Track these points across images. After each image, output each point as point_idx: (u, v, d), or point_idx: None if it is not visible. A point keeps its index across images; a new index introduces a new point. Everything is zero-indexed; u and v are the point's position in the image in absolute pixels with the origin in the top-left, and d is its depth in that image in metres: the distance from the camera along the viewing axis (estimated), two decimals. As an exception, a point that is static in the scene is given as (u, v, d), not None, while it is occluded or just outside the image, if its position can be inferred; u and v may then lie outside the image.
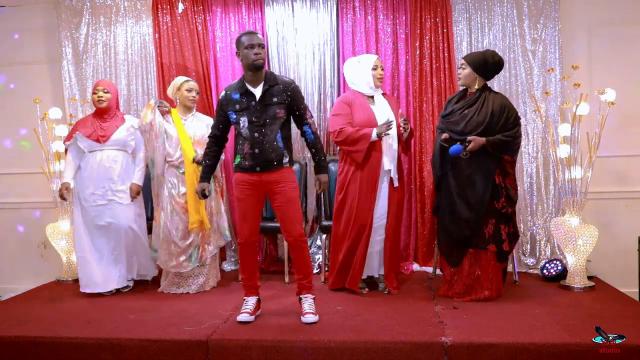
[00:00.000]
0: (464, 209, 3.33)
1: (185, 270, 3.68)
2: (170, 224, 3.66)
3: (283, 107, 2.94)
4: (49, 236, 4.25)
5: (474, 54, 3.46)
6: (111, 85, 3.86)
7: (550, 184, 4.17)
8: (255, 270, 3.14)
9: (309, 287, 3.09)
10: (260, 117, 2.92)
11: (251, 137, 2.93)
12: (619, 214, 4.15)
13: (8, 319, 3.18)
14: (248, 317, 3.00)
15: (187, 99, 3.76)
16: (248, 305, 3.07)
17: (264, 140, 2.92)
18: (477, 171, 3.30)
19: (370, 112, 3.53)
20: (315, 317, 2.97)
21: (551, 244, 4.15)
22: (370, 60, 3.60)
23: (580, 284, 3.58)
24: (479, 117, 3.31)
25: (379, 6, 4.29)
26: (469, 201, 3.32)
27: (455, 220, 3.38)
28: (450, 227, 3.42)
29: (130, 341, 2.78)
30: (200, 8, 4.39)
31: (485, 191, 3.29)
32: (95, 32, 4.49)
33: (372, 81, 3.56)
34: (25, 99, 4.50)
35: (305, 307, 3.02)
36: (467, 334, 2.69)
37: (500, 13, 4.20)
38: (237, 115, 2.97)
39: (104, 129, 3.75)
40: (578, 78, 3.77)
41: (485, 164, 3.29)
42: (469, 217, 3.31)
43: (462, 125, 3.34)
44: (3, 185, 4.68)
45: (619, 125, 4.03)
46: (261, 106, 2.93)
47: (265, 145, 2.92)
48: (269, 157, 2.93)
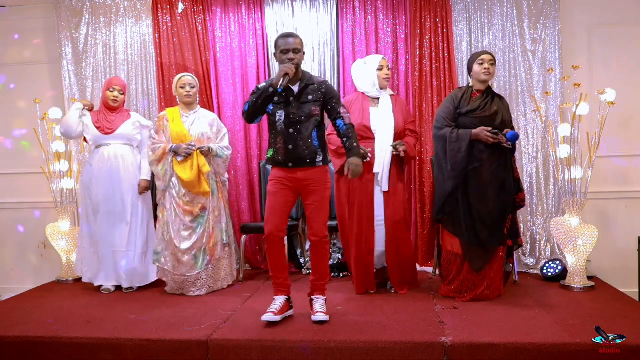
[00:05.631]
0: (494, 206, 3.27)
1: (192, 273, 3.63)
2: (172, 224, 3.65)
3: (318, 104, 2.96)
4: (48, 236, 4.25)
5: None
6: (125, 86, 3.97)
7: (550, 184, 4.18)
8: (282, 267, 3.06)
9: (323, 289, 3.08)
10: (296, 114, 2.94)
11: (286, 132, 2.95)
12: (619, 214, 4.15)
13: (8, 319, 3.18)
14: (272, 316, 2.89)
15: (182, 95, 3.74)
16: (275, 305, 2.98)
17: (299, 137, 2.93)
18: (503, 166, 3.30)
19: (366, 116, 3.52)
20: (326, 316, 2.93)
21: (551, 244, 4.15)
22: (375, 60, 3.59)
23: (580, 284, 3.58)
24: (505, 113, 3.37)
25: (379, 6, 4.29)
26: (499, 197, 3.28)
27: (483, 219, 3.26)
28: (478, 228, 3.26)
29: (130, 341, 2.77)
30: (200, 8, 4.39)
31: (512, 185, 3.32)
32: (95, 32, 4.49)
33: (378, 81, 3.56)
34: (25, 98, 4.51)
35: (317, 306, 2.98)
36: (467, 334, 2.69)
37: (500, 13, 4.21)
38: (275, 107, 2.98)
39: (110, 122, 3.82)
40: (578, 78, 3.78)
41: (506, 158, 3.31)
42: (499, 214, 3.28)
43: (497, 122, 3.30)
44: (3, 185, 4.68)
45: (619, 125, 4.04)
46: (298, 103, 2.95)
47: (299, 142, 2.93)
48: (302, 155, 2.94)
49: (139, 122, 3.91)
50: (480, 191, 3.27)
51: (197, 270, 3.63)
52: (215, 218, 3.72)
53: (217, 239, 3.70)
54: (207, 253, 3.65)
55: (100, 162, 3.78)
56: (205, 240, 3.65)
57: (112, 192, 3.76)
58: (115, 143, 3.81)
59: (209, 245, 3.66)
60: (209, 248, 3.66)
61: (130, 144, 3.88)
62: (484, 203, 3.26)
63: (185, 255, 3.62)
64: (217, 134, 3.81)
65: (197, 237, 3.63)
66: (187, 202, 3.64)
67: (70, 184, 4.30)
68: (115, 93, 3.84)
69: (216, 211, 3.73)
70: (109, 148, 3.80)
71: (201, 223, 3.65)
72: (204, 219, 3.65)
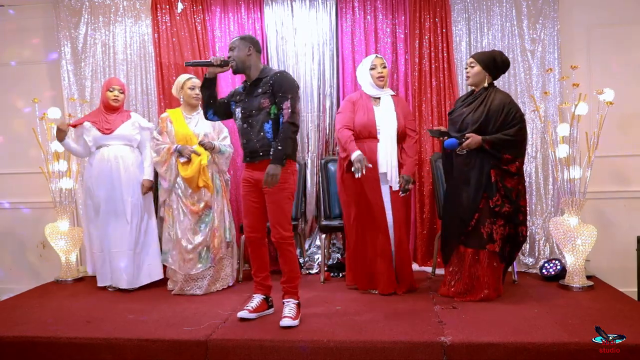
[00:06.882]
0: (457, 206, 3.37)
1: (197, 271, 3.66)
2: (179, 224, 3.68)
3: (267, 97, 2.94)
4: (47, 236, 4.25)
5: (483, 53, 3.47)
6: (124, 86, 3.98)
7: (549, 184, 4.18)
8: (261, 266, 3.11)
9: (293, 291, 3.03)
10: (247, 108, 2.99)
11: (241, 127, 3.03)
12: (618, 214, 4.15)
13: (8, 319, 3.18)
14: (246, 314, 2.99)
15: (191, 96, 3.79)
16: (251, 303, 3.06)
17: (251, 130, 2.96)
18: (473, 170, 3.31)
19: (371, 114, 3.54)
20: (294, 321, 2.87)
21: (550, 244, 4.15)
22: (368, 60, 3.65)
23: (579, 283, 3.59)
24: (475, 116, 3.32)
25: (378, 6, 4.29)
26: (462, 199, 3.34)
27: (449, 215, 3.46)
28: (447, 223, 3.51)
29: (129, 341, 2.77)
30: (199, 8, 4.39)
31: (478, 191, 3.29)
32: (94, 32, 4.48)
33: (372, 80, 3.57)
34: (24, 98, 4.50)
35: (285, 311, 2.94)
36: (466, 334, 2.69)
37: (499, 13, 4.21)
38: (235, 105, 3.09)
39: (110, 122, 3.82)
40: (577, 78, 3.78)
41: (480, 161, 3.29)
42: (461, 215, 3.33)
43: (459, 124, 3.37)
44: (2, 185, 4.66)
45: (618, 125, 4.04)
46: (250, 97, 3.00)
47: (251, 136, 2.96)
48: (254, 147, 2.96)
49: (138, 123, 3.91)
50: (454, 188, 3.43)
51: (200, 268, 3.66)
52: (220, 216, 3.74)
53: (221, 237, 3.73)
54: (211, 251, 3.68)
55: (101, 162, 3.79)
56: (210, 238, 3.68)
57: (112, 193, 3.76)
58: (115, 144, 3.81)
59: (213, 243, 3.68)
60: (213, 247, 3.68)
61: (130, 145, 3.88)
62: (452, 199, 3.44)
63: (191, 254, 3.66)
64: (218, 134, 3.86)
65: (203, 235, 3.67)
66: (193, 202, 3.68)
67: (69, 184, 4.29)
68: (115, 92, 3.85)
69: (220, 210, 3.75)
70: (108, 149, 3.80)
71: (207, 222, 3.68)
72: (209, 217, 3.69)
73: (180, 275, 3.69)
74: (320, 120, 4.37)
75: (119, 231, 3.76)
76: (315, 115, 4.36)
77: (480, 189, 3.28)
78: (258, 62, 3.04)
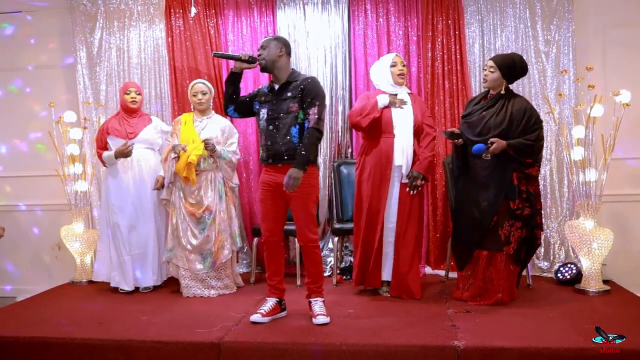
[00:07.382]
0: (474, 210, 3.33)
1: (200, 272, 3.70)
2: (181, 223, 3.73)
3: (297, 101, 2.98)
4: (63, 238, 4.30)
5: (503, 57, 3.40)
6: (140, 87, 4.02)
7: (564, 187, 4.13)
8: (277, 270, 3.14)
9: (318, 291, 3.09)
10: (275, 110, 3.01)
11: (266, 129, 3.03)
12: (635, 217, 4.09)
13: (23, 319, 3.22)
14: (259, 317, 3.00)
15: (195, 102, 3.84)
16: (265, 306, 3.08)
17: (277, 133, 2.98)
18: (494, 174, 3.28)
19: (387, 112, 3.50)
20: (327, 318, 2.97)
21: (565, 248, 4.10)
22: (389, 57, 3.63)
23: (596, 287, 3.54)
24: (497, 120, 3.29)
25: (391, 8, 4.28)
26: (480, 203, 3.31)
27: (466, 220, 3.40)
28: (462, 227, 3.45)
29: (142, 343, 2.79)
30: (212, 12, 4.42)
31: (499, 194, 3.26)
32: (109, 37, 4.54)
33: (392, 78, 3.56)
34: (41, 102, 4.56)
35: (316, 308, 3.02)
36: (479, 338, 2.66)
37: (512, 14, 4.17)
38: (260, 106, 3.10)
39: (132, 126, 3.87)
40: (592, 79, 3.73)
41: (502, 166, 3.26)
42: (479, 218, 3.30)
43: (479, 128, 3.33)
44: (18, 188, 4.74)
45: (634, 127, 3.98)
46: (278, 100, 3.02)
47: (277, 138, 2.98)
48: (280, 150, 2.97)
49: (160, 127, 3.98)
50: (472, 192, 3.37)
51: (202, 270, 3.69)
52: (222, 222, 3.75)
53: (222, 243, 3.73)
54: (212, 256, 3.70)
55: (124, 165, 3.83)
56: (210, 243, 3.70)
57: (134, 195, 3.81)
58: (138, 147, 3.83)
59: (214, 248, 3.70)
60: (214, 251, 3.70)
61: (152, 148, 3.93)
62: (470, 204, 3.38)
63: (192, 254, 3.70)
64: (226, 140, 3.85)
65: (202, 238, 3.69)
66: (192, 204, 3.71)
67: (84, 187, 4.34)
68: (132, 94, 3.89)
69: (223, 215, 3.76)
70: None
71: (205, 226, 3.70)
72: (208, 221, 3.70)
73: (189, 276, 3.72)
74: (332, 123, 4.37)
75: (142, 234, 3.81)
76: (327, 118, 4.36)
77: (502, 192, 3.26)
78: (288, 64, 3.09)
